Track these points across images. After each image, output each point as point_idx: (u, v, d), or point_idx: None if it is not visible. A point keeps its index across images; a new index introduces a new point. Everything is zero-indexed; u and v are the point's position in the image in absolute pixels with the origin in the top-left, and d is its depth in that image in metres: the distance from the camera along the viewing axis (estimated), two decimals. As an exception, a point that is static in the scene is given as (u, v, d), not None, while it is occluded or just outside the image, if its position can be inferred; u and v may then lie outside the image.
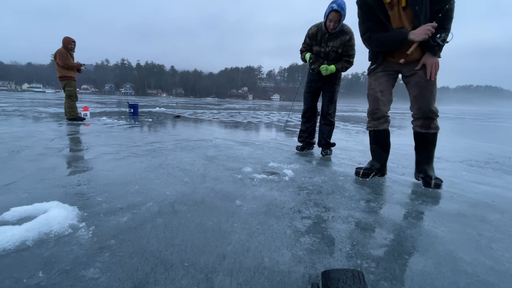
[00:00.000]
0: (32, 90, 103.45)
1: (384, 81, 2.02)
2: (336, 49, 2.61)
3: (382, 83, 2.02)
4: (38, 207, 1.29)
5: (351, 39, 2.59)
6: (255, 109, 14.88)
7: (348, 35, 2.57)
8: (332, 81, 2.80)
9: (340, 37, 2.57)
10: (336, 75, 2.78)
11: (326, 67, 2.61)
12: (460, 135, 3.59)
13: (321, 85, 2.86)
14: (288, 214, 1.39)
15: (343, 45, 2.59)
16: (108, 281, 0.84)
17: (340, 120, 8.69)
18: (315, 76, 2.84)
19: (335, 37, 2.58)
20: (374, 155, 2.17)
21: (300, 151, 3.03)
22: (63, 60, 5.23)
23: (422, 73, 1.87)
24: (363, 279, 0.76)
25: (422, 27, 1.71)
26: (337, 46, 2.60)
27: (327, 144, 2.91)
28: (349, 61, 2.69)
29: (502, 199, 1.75)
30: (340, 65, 2.67)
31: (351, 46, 2.62)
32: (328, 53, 2.65)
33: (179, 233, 1.15)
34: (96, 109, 10.14)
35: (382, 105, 2.03)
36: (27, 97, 25.63)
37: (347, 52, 2.64)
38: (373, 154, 2.18)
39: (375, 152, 2.16)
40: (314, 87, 2.90)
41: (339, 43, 2.59)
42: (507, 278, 0.93)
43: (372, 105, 2.07)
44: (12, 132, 3.79)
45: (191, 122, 6.30)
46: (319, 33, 2.63)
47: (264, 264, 0.96)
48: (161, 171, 2.06)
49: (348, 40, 2.58)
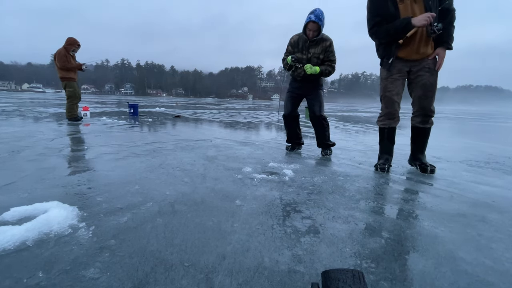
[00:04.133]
0: (32, 90, 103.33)
1: (399, 84, 2.22)
2: (317, 55, 2.70)
3: (398, 86, 2.22)
4: (38, 207, 1.29)
5: (331, 45, 2.70)
6: (255, 109, 14.88)
7: (328, 41, 2.68)
8: (316, 87, 2.85)
9: (321, 44, 2.68)
10: (318, 81, 2.84)
11: (311, 66, 2.64)
12: (460, 135, 3.59)
13: (301, 92, 2.90)
14: (288, 214, 1.39)
15: (324, 51, 2.69)
16: (108, 281, 0.84)
17: (340, 120, 8.68)
18: (298, 84, 2.87)
19: (316, 44, 2.68)
20: (386, 149, 2.39)
21: (290, 151, 3.04)
22: (61, 62, 5.13)
23: (428, 75, 2.10)
24: (363, 279, 0.76)
25: (423, 14, 1.90)
26: (318, 53, 2.69)
27: (326, 145, 2.91)
28: (331, 65, 2.76)
29: (502, 199, 1.75)
30: (323, 67, 2.72)
31: (331, 52, 2.71)
32: (310, 59, 2.72)
33: (179, 233, 1.15)
34: (96, 109, 10.14)
35: (397, 106, 2.28)
36: (27, 97, 25.63)
37: (328, 58, 2.73)
38: (385, 149, 2.40)
39: (386, 147, 2.39)
40: (296, 93, 2.93)
41: (320, 49, 2.68)
42: (507, 278, 0.93)
43: (389, 107, 2.29)
44: (12, 132, 3.79)
45: (191, 122, 6.30)
46: (300, 40, 2.72)
47: (264, 264, 0.96)
48: (161, 171, 2.06)
49: (329, 46, 2.68)
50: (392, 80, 2.20)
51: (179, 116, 7.70)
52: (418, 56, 2.09)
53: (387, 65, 2.19)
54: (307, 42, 2.67)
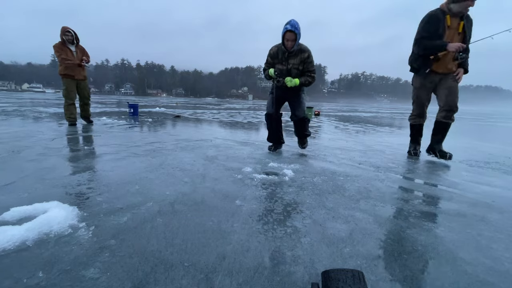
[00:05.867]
0: (32, 90, 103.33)
1: (429, 91, 2.91)
2: (297, 66, 2.78)
3: (428, 93, 2.92)
4: (38, 207, 1.29)
5: (310, 56, 2.76)
6: (255, 109, 14.88)
7: (307, 53, 2.74)
8: (297, 93, 2.94)
9: (300, 55, 2.75)
10: (300, 87, 2.91)
11: (291, 79, 2.73)
12: (460, 135, 3.59)
13: (284, 96, 2.97)
14: (288, 214, 1.39)
15: (303, 62, 2.76)
16: (108, 281, 0.84)
17: (340, 120, 8.69)
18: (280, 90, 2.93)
19: (295, 55, 2.75)
20: (416, 140, 3.10)
21: (274, 151, 3.05)
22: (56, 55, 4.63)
23: (451, 81, 2.73)
24: (363, 279, 0.76)
25: (456, 43, 2.55)
26: (297, 64, 2.76)
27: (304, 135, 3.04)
28: (311, 76, 2.82)
29: (502, 199, 1.75)
30: (303, 79, 2.80)
31: (310, 63, 2.79)
32: (289, 70, 2.80)
33: (179, 233, 1.15)
34: (96, 109, 10.13)
35: (426, 108, 3.00)
36: (27, 97, 25.63)
37: (307, 69, 2.80)
38: (415, 140, 3.11)
39: (416, 138, 3.10)
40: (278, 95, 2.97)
41: (299, 60, 2.75)
42: (507, 278, 0.93)
43: (420, 109, 2.99)
44: (12, 132, 3.79)
45: (191, 122, 6.30)
46: (280, 52, 2.79)
47: (264, 264, 0.96)
48: (161, 171, 2.06)
49: (307, 57, 2.75)
50: (425, 88, 2.88)
51: (179, 116, 7.70)
52: (446, 70, 2.73)
53: (423, 74, 2.82)
54: (286, 53, 2.74)
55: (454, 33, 2.64)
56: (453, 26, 2.63)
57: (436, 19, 2.65)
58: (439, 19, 2.64)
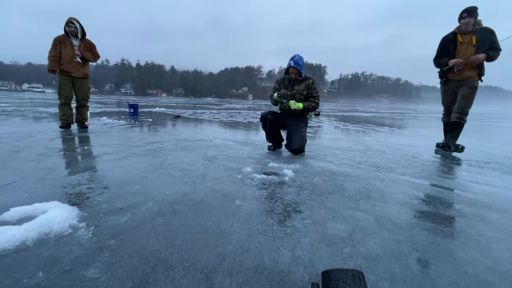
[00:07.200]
0: (32, 90, 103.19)
1: (452, 96, 3.49)
2: (301, 92, 2.93)
3: (451, 97, 3.50)
4: (38, 207, 1.29)
5: (314, 83, 2.94)
6: (255, 109, 14.88)
7: (311, 80, 2.94)
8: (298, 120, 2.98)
9: (304, 82, 2.94)
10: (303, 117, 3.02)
11: (295, 102, 2.87)
12: (460, 135, 3.60)
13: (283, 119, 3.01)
14: (288, 214, 1.39)
15: (307, 88, 2.93)
16: (108, 281, 0.84)
17: (340, 120, 8.69)
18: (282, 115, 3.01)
19: (300, 82, 2.94)
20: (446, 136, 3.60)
21: (273, 151, 3.08)
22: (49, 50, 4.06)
23: (466, 88, 3.27)
24: (363, 279, 0.76)
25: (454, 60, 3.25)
26: (302, 89, 2.93)
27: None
28: (315, 101, 2.96)
29: (502, 199, 1.75)
30: (307, 104, 2.93)
31: (315, 89, 2.95)
32: (294, 95, 2.95)
33: (179, 233, 1.15)
34: (96, 109, 10.14)
35: (451, 109, 3.51)
36: (27, 97, 25.63)
37: (311, 94, 2.94)
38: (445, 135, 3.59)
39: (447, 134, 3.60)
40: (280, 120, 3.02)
41: (304, 86, 2.93)
42: (507, 278, 0.93)
43: (446, 110, 3.64)
44: (12, 132, 3.79)
45: (191, 122, 6.30)
46: (286, 79, 3.01)
47: (264, 264, 0.96)
48: (161, 171, 2.06)
49: (311, 84, 2.93)
50: (447, 94, 3.55)
51: (179, 116, 7.70)
52: (460, 78, 3.31)
53: (442, 83, 3.54)
54: (291, 80, 2.95)
55: (467, 46, 3.21)
56: (466, 41, 3.22)
57: (446, 41, 3.38)
58: (449, 40, 3.34)
